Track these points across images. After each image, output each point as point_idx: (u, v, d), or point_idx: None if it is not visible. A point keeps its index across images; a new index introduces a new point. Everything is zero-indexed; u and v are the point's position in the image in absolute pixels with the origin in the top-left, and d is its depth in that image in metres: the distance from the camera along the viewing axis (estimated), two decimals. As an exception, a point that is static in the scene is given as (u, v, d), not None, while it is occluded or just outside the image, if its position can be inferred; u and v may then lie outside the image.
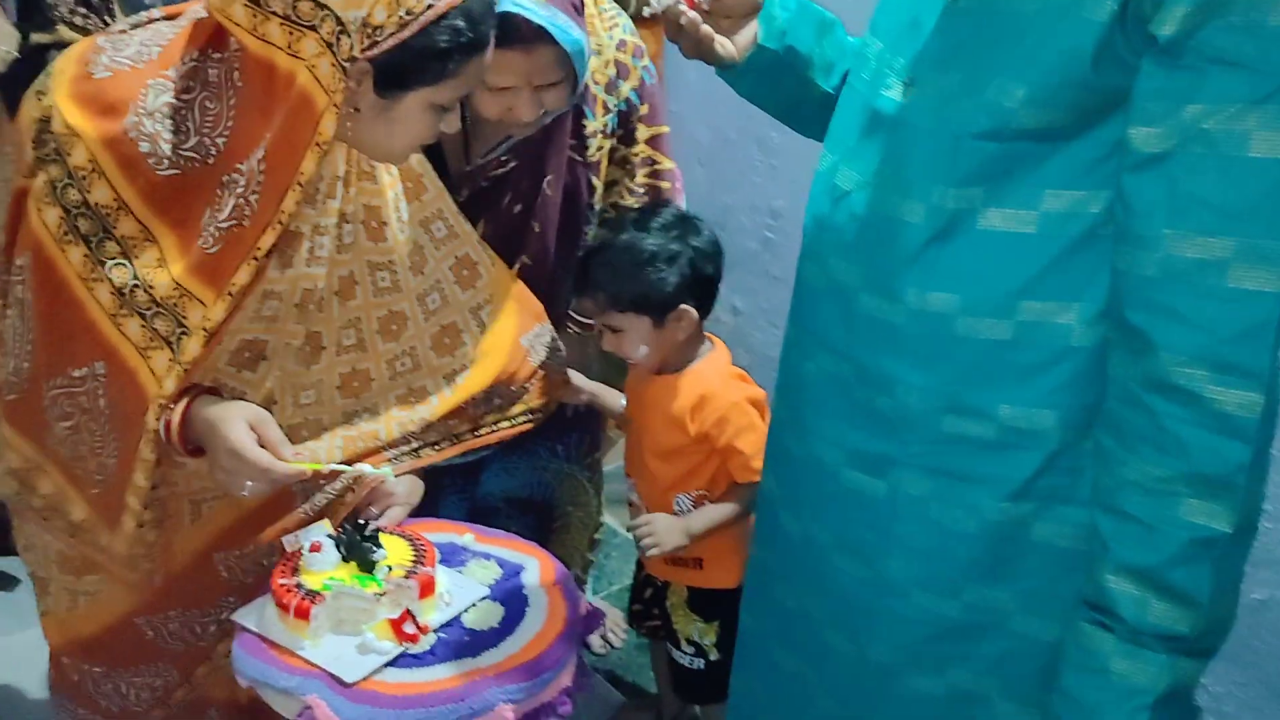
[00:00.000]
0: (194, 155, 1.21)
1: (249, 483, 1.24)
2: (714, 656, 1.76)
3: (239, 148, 1.20)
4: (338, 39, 1.12)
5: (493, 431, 1.58)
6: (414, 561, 1.35)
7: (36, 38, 2.23)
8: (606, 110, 1.69)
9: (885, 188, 1.10)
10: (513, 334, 1.57)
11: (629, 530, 1.70)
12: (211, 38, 1.20)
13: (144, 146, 1.20)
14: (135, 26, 1.28)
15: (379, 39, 1.13)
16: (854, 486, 1.17)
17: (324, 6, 1.12)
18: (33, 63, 2.13)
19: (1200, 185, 0.91)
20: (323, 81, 1.14)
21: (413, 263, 1.46)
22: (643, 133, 1.75)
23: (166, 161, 1.20)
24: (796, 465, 1.26)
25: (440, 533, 1.49)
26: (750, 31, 1.30)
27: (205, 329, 1.22)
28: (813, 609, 1.26)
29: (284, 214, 1.19)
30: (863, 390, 1.14)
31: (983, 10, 1.02)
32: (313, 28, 1.12)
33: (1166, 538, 0.95)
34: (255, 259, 1.20)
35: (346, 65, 1.13)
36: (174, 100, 1.20)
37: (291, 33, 1.13)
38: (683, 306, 1.62)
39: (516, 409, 1.61)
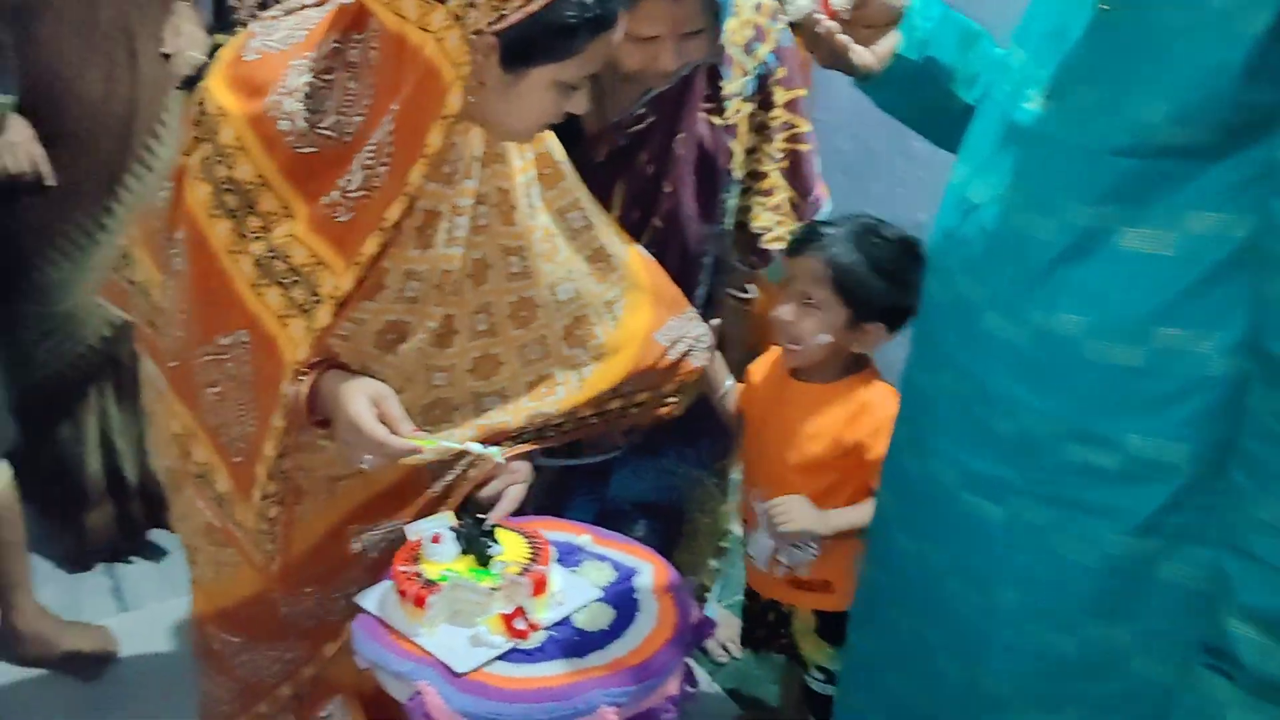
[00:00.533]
0: (331, 133, 1.25)
1: (367, 456, 1.28)
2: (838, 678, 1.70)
3: (373, 125, 1.23)
4: (466, 12, 1.14)
5: (621, 416, 1.59)
6: (529, 559, 1.38)
7: (218, 39, 2.38)
8: (744, 73, 1.66)
9: (1017, 202, 1.06)
10: (646, 329, 1.58)
11: (764, 510, 1.65)
12: (353, 21, 1.24)
13: (283, 125, 1.26)
14: (287, 13, 1.34)
15: (506, 12, 1.15)
16: (971, 510, 1.13)
17: None
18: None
19: None
20: (450, 54, 1.16)
21: (543, 250, 1.47)
22: (780, 96, 1.71)
23: (304, 139, 1.26)
24: (914, 484, 1.23)
25: (559, 532, 1.50)
26: (890, 41, 1.27)
27: (334, 298, 1.26)
28: (925, 633, 1.23)
29: (410, 185, 1.21)
30: (983, 412, 1.11)
31: (1131, 23, 0.98)
32: (442, 1, 1.15)
33: None
34: (382, 229, 1.23)
35: (474, 38, 1.15)
36: (313, 80, 1.25)
37: (423, 6, 1.16)
38: (880, 324, 1.60)
39: (642, 396, 1.62)
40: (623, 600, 1.39)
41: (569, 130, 1.53)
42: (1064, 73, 1.03)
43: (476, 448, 1.33)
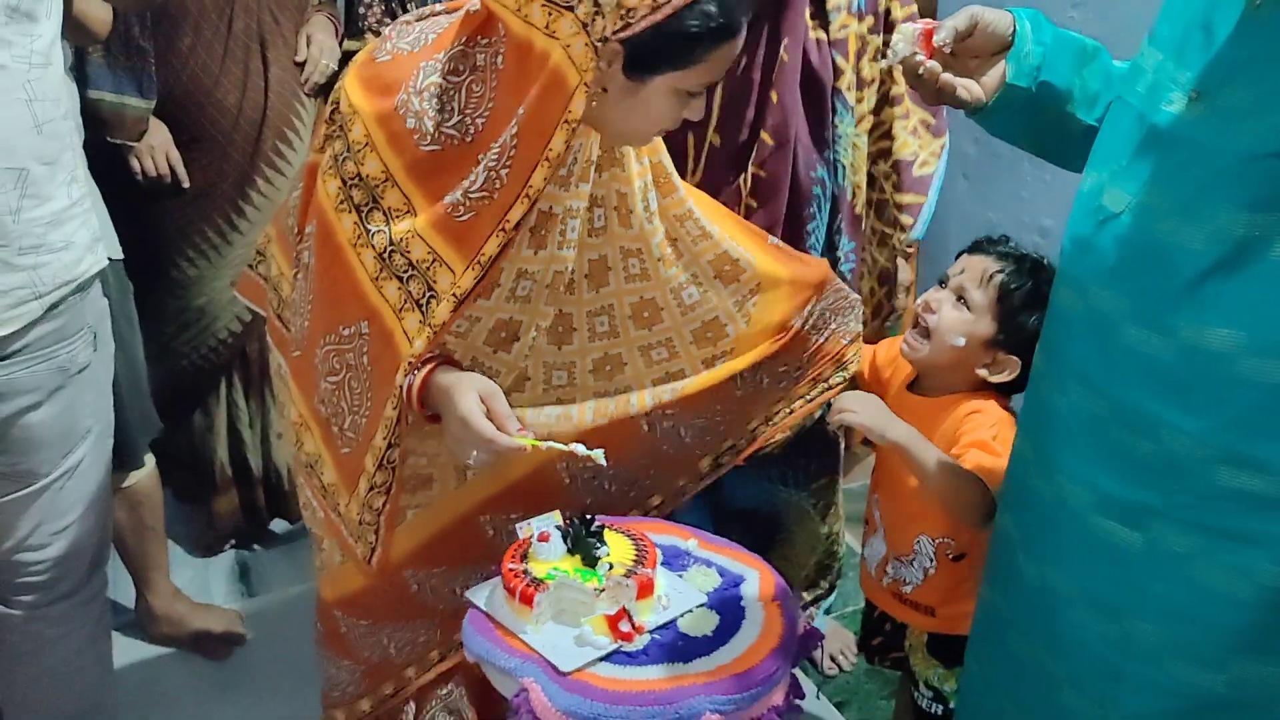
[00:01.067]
0: (454, 133, 1.29)
1: (474, 452, 1.30)
2: (954, 704, 1.65)
3: (497, 128, 1.26)
4: (593, 19, 1.17)
5: (789, 413, 1.62)
6: (635, 561, 1.38)
7: (348, 45, 2.48)
8: None
9: (1161, 210, 1.01)
10: (782, 317, 1.58)
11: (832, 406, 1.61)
12: (481, 26, 1.27)
13: (410, 123, 1.29)
14: (420, 19, 1.39)
15: (632, 20, 1.17)
16: (1104, 535, 1.08)
17: None
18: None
19: None
20: (575, 60, 1.18)
21: (663, 255, 1.49)
22: (899, 11, 1.67)
23: (429, 138, 1.29)
24: (1040, 506, 1.18)
25: (666, 535, 1.51)
26: (999, 70, 1.22)
27: (455, 295, 1.29)
28: (1048, 663, 1.18)
29: (532, 188, 1.24)
30: (1121, 431, 1.05)
31: None
32: (570, 8, 1.18)
33: None
34: (504, 230, 1.26)
35: (599, 45, 1.17)
36: (441, 80, 1.29)
37: (551, 12, 1.19)
38: (1016, 358, 1.54)
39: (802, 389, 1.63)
40: (728, 606, 1.38)
41: None
42: (1212, 73, 0.98)
43: (581, 449, 1.34)
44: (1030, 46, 1.21)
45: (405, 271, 1.32)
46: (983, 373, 1.57)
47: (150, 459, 2.13)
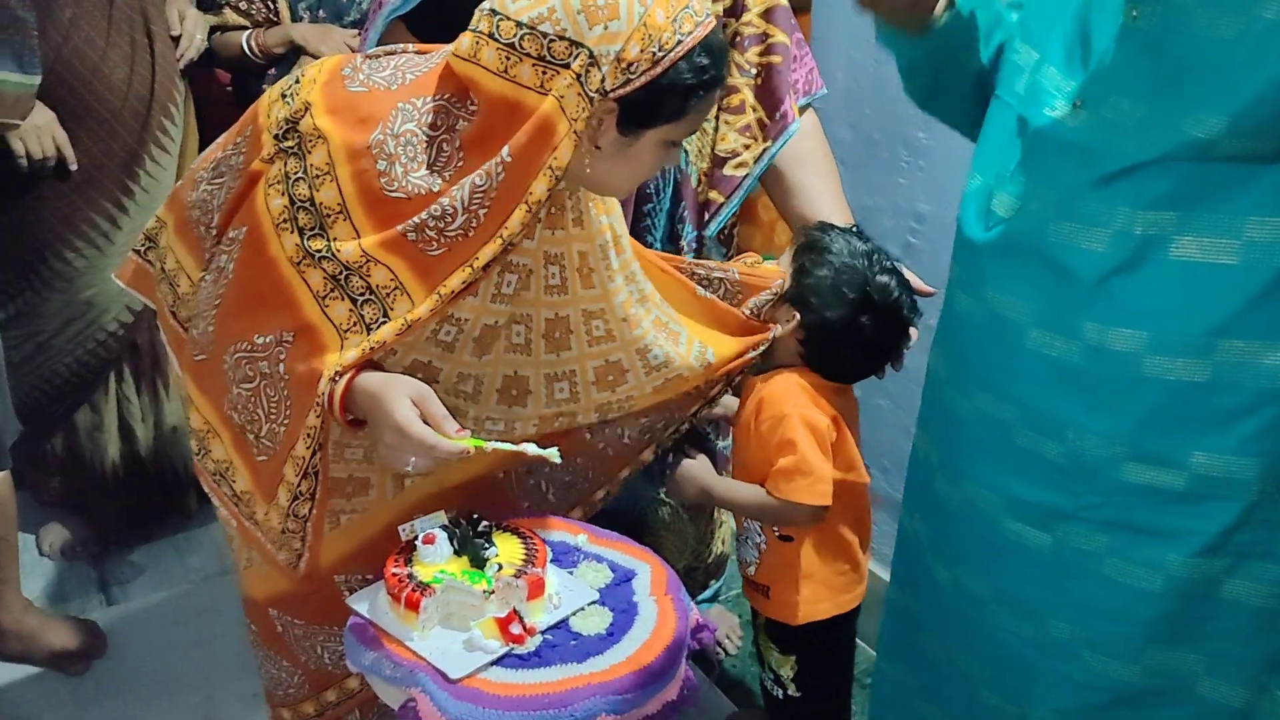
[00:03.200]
0: (420, 185, 1.26)
1: (413, 459, 1.25)
2: (792, 692, 1.68)
3: (459, 181, 1.24)
4: (588, 72, 1.18)
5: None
6: (525, 561, 1.35)
7: (209, 19, 2.37)
8: None
9: (1057, 214, 1.00)
10: (735, 352, 1.58)
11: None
12: (459, 85, 1.26)
13: (381, 165, 1.27)
14: (389, 54, 1.35)
15: (633, 76, 1.19)
16: (1015, 537, 1.09)
17: (578, 44, 1.18)
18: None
19: None
20: (567, 109, 1.19)
21: (627, 315, 1.46)
22: (754, 3, 1.63)
23: (397, 184, 1.26)
24: (948, 511, 1.18)
25: (555, 531, 1.48)
26: None
27: (406, 319, 1.26)
28: (965, 663, 1.19)
29: (507, 230, 1.23)
30: (1028, 434, 1.06)
31: (1168, 31, 0.92)
32: (565, 65, 1.19)
33: None
34: (471, 267, 1.25)
35: (595, 101, 1.19)
36: (418, 130, 1.27)
37: (545, 71, 1.19)
38: (795, 312, 1.57)
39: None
40: (620, 603, 1.36)
41: None
42: (1094, 84, 0.98)
43: (532, 449, 1.30)
44: None
45: (362, 294, 1.28)
46: (777, 330, 1.59)
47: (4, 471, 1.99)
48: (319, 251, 1.28)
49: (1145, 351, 0.97)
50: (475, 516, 1.39)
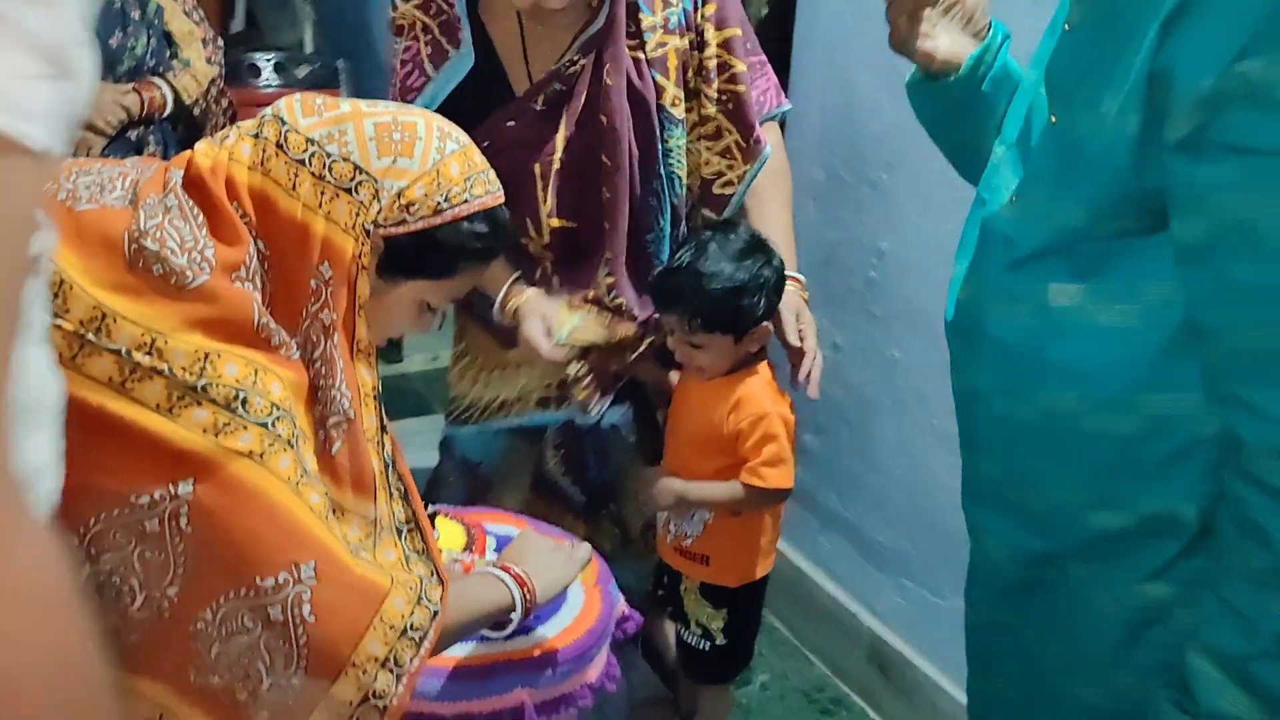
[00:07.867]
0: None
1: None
2: (720, 641, 1.83)
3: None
4: (371, 204, 1.09)
5: None
6: (465, 549, 1.46)
7: None
8: (666, 4, 1.70)
9: (1001, 295, 1.10)
10: None
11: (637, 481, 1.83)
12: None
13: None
14: (85, 173, 1.13)
15: (409, 219, 1.10)
16: (1014, 577, 1.17)
17: (363, 170, 1.09)
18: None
19: (1243, 273, 0.88)
20: (343, 226, 1.09)
21: None
22: (713, 35, 1.73)
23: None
24: (975, 563, 1.27)
25: (499, 523, 1.59)
26: (961, 45, 1.24)
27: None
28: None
29: (362, 297, 1.12)
30: (1017, 491, 1.15)
31: (1064, 131, 1.03)
32: (348, 190, 1.09)
33: (1258, 631, 0.92)
34: (360, 349, 1.15)
35: (368, 232, 1.09)
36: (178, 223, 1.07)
37: (324, 190, 1.08)
38: (763, 325, 1.68)
39: None
40: (552, 590, 1.47)
41: (496, 87, 1.67)
42: (1026, 179, 1.08)
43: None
44: (995, 56, 1.24)
45: (399, 487, 1.20)
46: (753, 349, 1.72)
47: None
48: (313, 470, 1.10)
49: (1085, 411, 1.04)
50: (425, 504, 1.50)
